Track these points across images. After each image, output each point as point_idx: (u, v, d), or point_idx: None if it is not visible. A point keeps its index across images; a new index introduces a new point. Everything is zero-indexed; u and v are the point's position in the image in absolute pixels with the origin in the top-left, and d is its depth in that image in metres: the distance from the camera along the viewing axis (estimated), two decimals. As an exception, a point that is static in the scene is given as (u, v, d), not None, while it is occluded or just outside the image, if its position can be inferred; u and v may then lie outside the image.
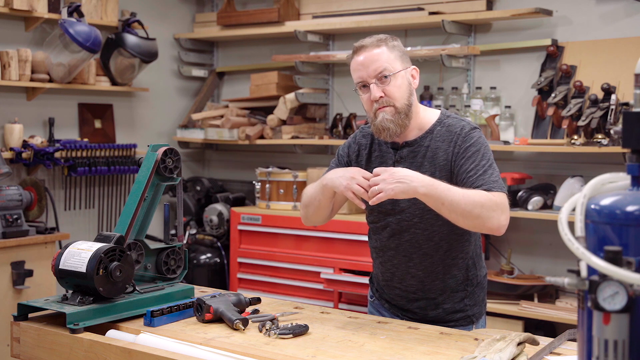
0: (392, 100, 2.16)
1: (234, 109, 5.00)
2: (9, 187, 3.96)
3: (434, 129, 2.22)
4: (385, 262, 2.31)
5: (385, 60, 2.16)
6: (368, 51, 2.18)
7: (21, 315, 2.11)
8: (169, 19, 5.22)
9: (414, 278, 2.26)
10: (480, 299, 2.32)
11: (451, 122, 2.22)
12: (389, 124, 2.15)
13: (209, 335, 1.96)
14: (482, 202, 2.00)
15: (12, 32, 4.27)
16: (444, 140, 2.19)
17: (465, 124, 2.21)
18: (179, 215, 2.38)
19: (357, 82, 2.22)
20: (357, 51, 2.21)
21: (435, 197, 1.99)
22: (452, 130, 2.19)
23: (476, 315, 2.30)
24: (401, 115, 2.16)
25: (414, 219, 2.20)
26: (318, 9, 4.80)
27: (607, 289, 1.20)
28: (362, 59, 2.19)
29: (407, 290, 2.29)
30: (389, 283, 2.33)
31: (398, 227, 2.23)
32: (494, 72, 4.27)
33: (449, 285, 2.25)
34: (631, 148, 1.32)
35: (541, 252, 4.05)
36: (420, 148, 2.21)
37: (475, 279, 2.30)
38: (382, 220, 2.27)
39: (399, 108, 2.16)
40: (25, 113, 4.35)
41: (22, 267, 3.83)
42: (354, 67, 2.22)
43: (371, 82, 2.16)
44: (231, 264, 4.60)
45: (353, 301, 4.06)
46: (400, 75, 2.18)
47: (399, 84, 2.17)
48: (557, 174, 3.98)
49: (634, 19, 3.83)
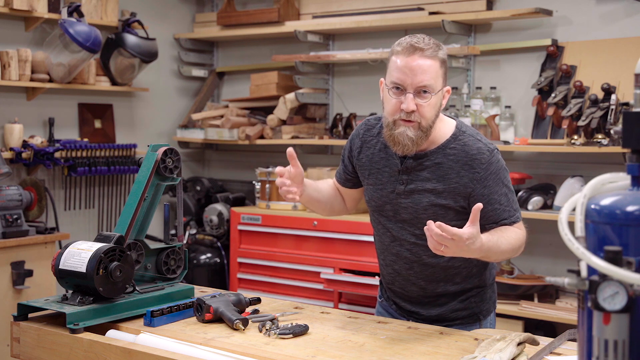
0: (421, 118, 2.04)
1: (234, 109, 5.00)
2: (9, 187, 3.96)
3: (447, 144, 2.12)
4: (387, 266, 2.29)
5: (433, 76, 2.03)
6: (422, 58, 2.02)
7: (21, 315, 2.11)
8: (169, 19, 5.22)
9: (414, 285, 2.24)
10: (487, 296, 2.28)
11: (467, 141, 2.11)
12: (407, 141, 2.05)
13: (209, 335, 1.96)
14: (518, 246, 2.11)
15: (12, 32, 4.27)
16: (458, 161, 2.10)
17: (482, 146, 2.11)
18: (179, 215, 2.38)
19: (394, 82, 2.05)
20: (411, 51, 2.03)
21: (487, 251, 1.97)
22: (469, 152, 2.10)
23: (483, 312, 2.27)
24: (422, 134, 2.06)
25: (415, 231, 2.17)
26: (318, 9, 4.80)
27: (607, 289, 1.19)
28: (413, 64, 2.01)
29: (408, 295, 2.28)
30: (390, 286, 2.32)
31: (399, 234, 2.21)
32: (494, 72, 4.27)
33: (451, 290, 2.23)
34: (631, 148, 1.32)
35: (541, 252, 4.05)
36: (429, 162, 2.13)
37: (482, 283, 2.27)
38: (382, 224, 2.25)
39: (424, 127, 2.05)
40: (25, 113, 4.35)
41: (22, 267, 3.83)
42: (399, 65, 2.03)
43: (409, 92, 2.02)
44: (231, 264, 4.60)
45: (353, 301, 4.06)
46: (438, 95, 2.07)
47: (433, 104, 2.05)
48: (557, 174, 3.98)
49: (634, 19, 3.83)
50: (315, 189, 2.32)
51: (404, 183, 2.15)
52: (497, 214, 2.10)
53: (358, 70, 4.80)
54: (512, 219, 2.12)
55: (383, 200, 2.20)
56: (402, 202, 2.16)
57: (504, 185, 2.12)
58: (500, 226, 2.10)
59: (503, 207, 2.10)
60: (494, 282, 2.33)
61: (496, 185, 2.10)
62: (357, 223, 4.02)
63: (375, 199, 2.22)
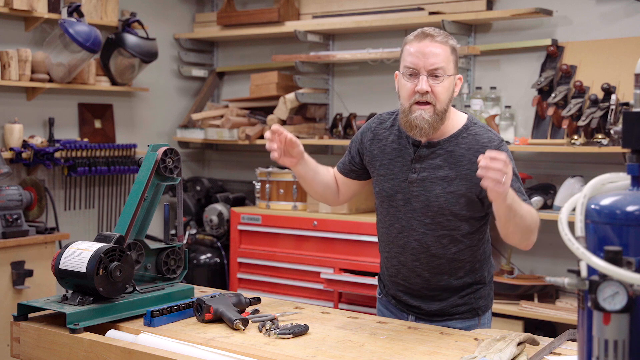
0: (435, 100, 2.12)
1: (234, 109, 5.00)
2: (9, 187, 3.96)
3: (459, 134, 2.20)
4: (391, 258, 2.31)
5: (445, 59, 2.12)
6: (433, 43, 2.12)
7: (21, 315, 2.11)
8: (169, 19, 5.22)
9: (419, 277, 2.27)
10: (486, 293, 2.32)
11: (478, 131, 2.20)
12: (424, 124, 2.12)
13: (209, 335, 1.96)
14: (534, 220, 2.09)
15: (12, 32, 4.27)
16: (470, 149, 2.17)
17: (492, 135, 2.20)
18: (179, 215, 2.38)
19: (408, 67, 2.13)
20: (422, 37, 2.13)
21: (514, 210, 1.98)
22: (480, 140, 2.17)
23: (482, 308, 2.30)
24: (437, 117, 2.13)
25: (425, 220, 2.20)
26: (318, 9, 4.81)
27: (607, 289, 1.20)
28: (425, 49, 2.11)
29: (411, 287, 2.30)
30: (393, 279, 2.34)
31: (408, 224, 2.23)
32: (494, 72, 4.27)
33: (453, 285, 2.26)
34: (631, 148, 1.32)
35: (541, 252, 4.05)
36: (441, 151, 2.19)
37: (482, 279, 2.30)
38: (390, 215, 2.27)
39: (438, 110, 2.13)
40: (25, 113, 4.35)
41: (22, 267, 3.83)
42: (412, 51, 2.13)
43: (423, 74, 2.11)
44: (231, 264, 4.60)
45: (353, 301, 4.06)
46: (450, 79, 2.15)
47: (446, 87, 2.14)
48: (557, 174, 3.98)
49: (634, 19, 3.83)
50: (313, 168, 2.33)
51: (417, 171, 2.20)
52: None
53: (358, 70, 4.79)
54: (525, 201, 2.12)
55: (395, 189, 2.24)
56: (414, 191, 2.20)
57: (514, 174, 2.12)
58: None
59: (515, 190, 2.09)
60: (492, 280, 2.37)
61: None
62: (357, 223, 4.02)
63: (387, 188, 2.26)
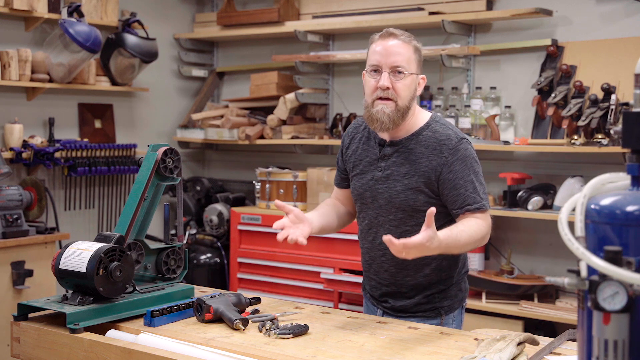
0: (396, 97, 2.20)
1: (234, 109, 5.00)
2: (9, 187, 3.96)
3: (420, 132, 2.28)
4: (364, 254, 2.41)
5: (407, 58, 2.21)
6: (397, 42, 2.21)
7: (21, 315, 2.11)
8: (169, 19, 5.22)
9: (386, 272, 2.34)
10: (452, 294, 2.35)
11: (437, 129, 2.27)
12: (384, 118, 2.20)
13: (209, 335, 1.96)
14: (481, 237, 2.16)
15: (12, 32, 4.27)
16: (428, 146, 2.24)
17: (451, 133, 2.25)
18: (179, 215, 2.38)
19: (372, 64, 2.23)
20: (387, 36, 2.23)
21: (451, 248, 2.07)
22: (438, 138, 2.24)
23: (445, 308, 2.34)
24: (398, 114, 2.22)
25: (389, 216, 2.28)
26: (318, 9, 4.80)
27: (607, 289, 1.20)
28: (389, 46, 2.21)
29: (380, 282, 2.37)
30: (366, 273, 2.43)
31: (375, 221, 2.32)
32: (494, 72, 4.27)
33: (420, 282, 2.31)
34: (631, 148, 1.32)
35: (541, 252, 4.05)
36: (403, 149, 2.28)
37: (450, 279, 2.34)
38: (362, 212, 2.38)
39: (400, 106, 2.21)
40: (25, 113, 4.35)
41: (22, 267, 3.83)
42: (376, 49, 2.23)
43: (385, 71, 2.20)
44: (231, 264, 4.60)
45: (353, 301, 4.06)
46: (412, 77, 2.24)
47: (408, 84, 2.22)
48: (557, 174, 3.98)
49: (634, 19, 3.82)
50: (321, 214, 2.40)
51: (382, 170, 2.29)
52: (461, 199, 2.19)
53: (358, 70, 4.79)
54: (476, 205, 2.19)
55: (364, 187, 2.33)
56: (379, 188, 2.29)
57: (471, 173, 2.21)
58: (465, 213, 2.18)
59: (468, 193, 2.18)
60: (462, 280, 2.40)
61: (462, 171, 2.20)
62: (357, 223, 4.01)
63: (358, 187, 2.36)
